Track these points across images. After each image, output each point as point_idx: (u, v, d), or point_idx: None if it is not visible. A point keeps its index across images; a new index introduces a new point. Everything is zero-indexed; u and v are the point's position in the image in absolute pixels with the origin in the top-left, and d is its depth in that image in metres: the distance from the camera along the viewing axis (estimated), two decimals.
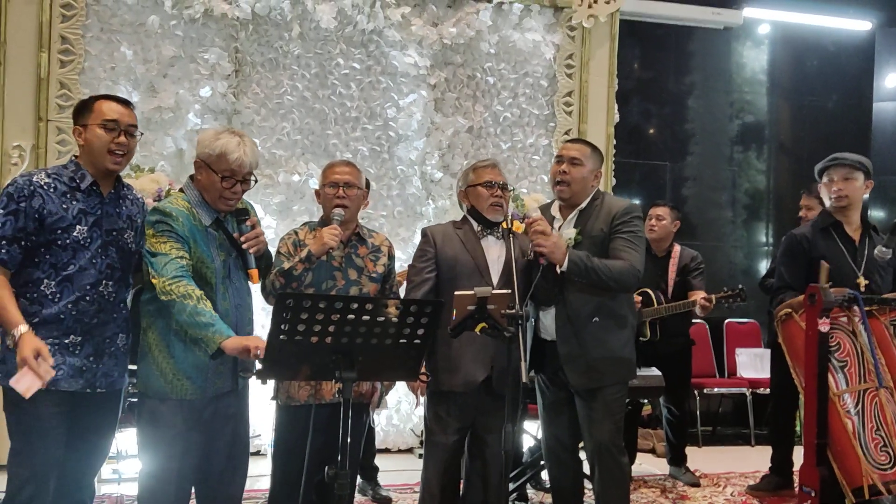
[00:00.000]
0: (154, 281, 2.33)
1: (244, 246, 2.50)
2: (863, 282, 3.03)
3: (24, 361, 2.19)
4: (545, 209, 3.13)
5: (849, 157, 3.21)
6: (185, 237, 2.39)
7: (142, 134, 2.61)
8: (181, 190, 2.55)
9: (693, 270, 4.46)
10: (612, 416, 2.88)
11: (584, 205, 2.97)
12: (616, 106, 5.35)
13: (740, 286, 4.27)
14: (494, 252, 2.97)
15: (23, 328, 2.25)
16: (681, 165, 6.34)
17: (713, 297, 4.17)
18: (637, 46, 6.17)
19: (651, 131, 6.31)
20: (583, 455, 3.16)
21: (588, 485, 3.23)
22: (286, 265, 2.68)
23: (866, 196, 6.47)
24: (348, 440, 2.15)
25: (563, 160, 2.96)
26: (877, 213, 6.65)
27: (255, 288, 2.65)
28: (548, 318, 2.97)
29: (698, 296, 4.20)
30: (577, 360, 2.87)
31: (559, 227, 3.01)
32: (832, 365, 2.63)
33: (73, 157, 2.48)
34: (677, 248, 4.57)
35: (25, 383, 2.20)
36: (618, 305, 2.91)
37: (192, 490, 2.53)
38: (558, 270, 2.85)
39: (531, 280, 2.91)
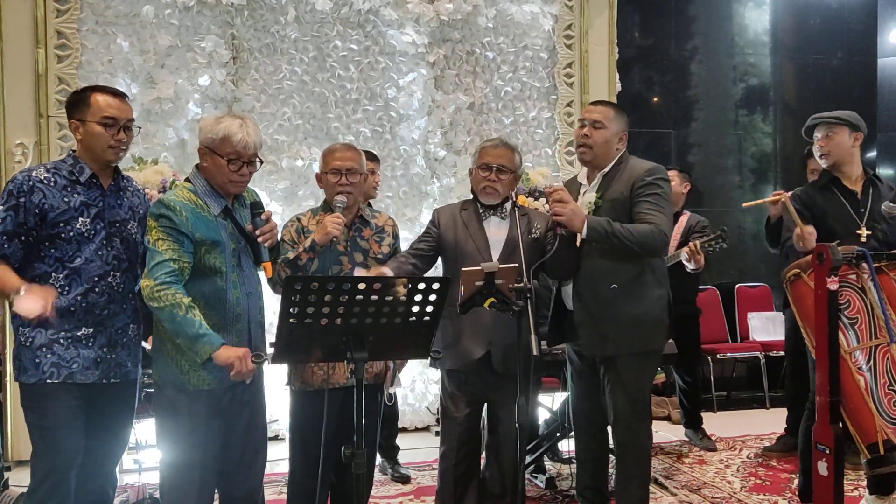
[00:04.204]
0: (143, 283, 2.33)
1: (259, 240, 2.50)
2: (864, 232, 3.02)
3: (28, 290, 2.25)
4: (572, 180, 3.10)
5: (826, 114, 3.23)
6: (188, 232, 2.37)
7: (139, 129, 2.61)
8: (187, 180, 2.54)
9: (696, 233, 4.39)
10: (624, 387, 2.84)
11: (608, 168, 2.90)
12: (617, 75, 5.31)
13: (722, 227, 4.05)
14: (496, 233, 2.96)
15: (25, 287, 2.28)
16: (685, 132, 6.30)
17: (696, 243, 4.00)
18: (636, 13, 6.10)
19: (654, 99, 6.26)
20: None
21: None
22: (291, 255, 2.68)
23: (872, 153, 6.42)
24: (363, 420, 2.16)
25: (585, 123, 2.91)
26: (884, 171, 6.59)
27: (264, 276, 2.66)
28: (569, 288, 2.95)
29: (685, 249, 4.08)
30: (589, 327, 2.85)
31: (584, 193, 2.98)
32: (842, 323, 2.62)
33: (71, 151, 2.50)
34: (686, 214, 4.55)
35: (27, 304, 2.24)
36: (640, 272, 2.83)
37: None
38: (578, 239, 2.83)
39: (537, 255, 2.91)
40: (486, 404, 3.04)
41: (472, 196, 3.07)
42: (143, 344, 2.65)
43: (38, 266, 2.38)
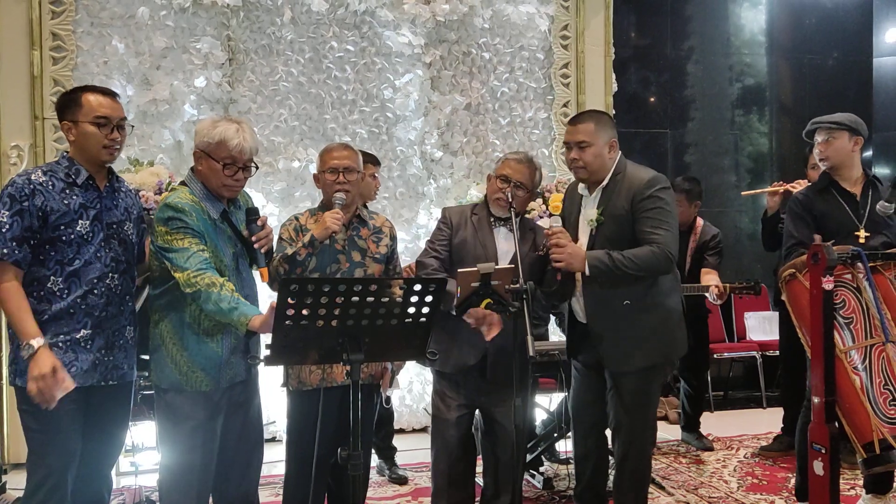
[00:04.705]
0: (178, 275, 2.33)
1: (255, 245, 2.50)
2: (863, 234, 3.04)
3: (42, 379, 2.23)
4: (573, 188, 3.07)
5: (827, 118, 3.25)
6: (200, 231, 2.39)
7: (132, 127, 2.60)
8: (183, 183, 2.53)
9: (710, 248, 4.46)
10: (632, 397, 2.82)
11: (606, 181, 2.85)
12: (614, 75, 5.31)
13: (756, 280, 4.30)
14: (504, 244, 2.95)
15: (38, 341, 2.26)
16: (682, 132, 6.30)
17: (727, 286, 4.18)
18: (632, 13, 6.10)
19: (651, 99, 6.26)
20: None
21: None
22: (289, 251, 2.69)
23: (868, 153, 6.45)
24: (360, 422, 2.16)
25: (570, 146, 2.86)
26: (881, 170, 6.61)
27: (258, 277, 2.65)
28: (578, 303, 2.92)
29: (712, 280, 4.22)
30: (610, 342, 2.81)
31: (585, 207, 2.95)
32: (838, 322, 2.62)
33: (65, 153, 2.48)
34: (700, 222, 4.56)
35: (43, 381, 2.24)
36: (653, 283, 2.79)
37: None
38: (580, 276, 2.81)
39: (540, 271, 2.90)
40: (479, 407, 3.04)
41: (483, 202, 3.08)
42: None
43: (38, 270, 2.36)
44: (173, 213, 2.37)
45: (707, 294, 4.19)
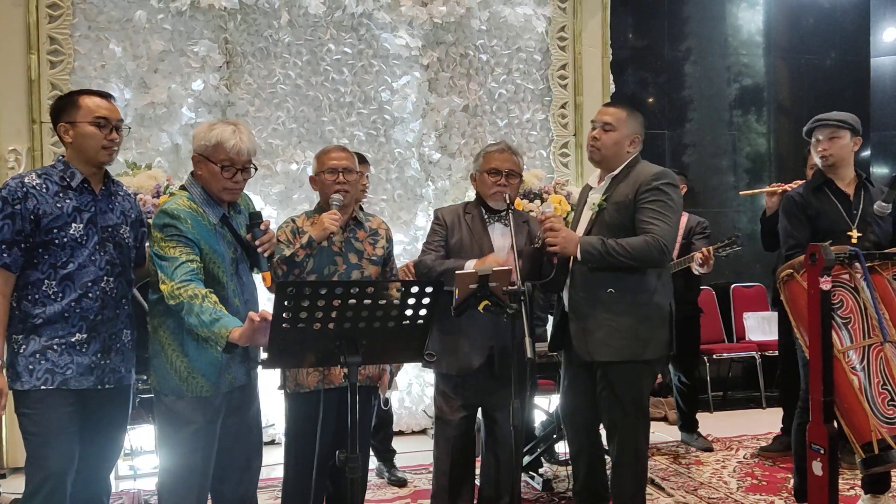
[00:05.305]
0: (163, 287, 2.31)
1: (259, 249, 2.50)
2: (855, 234, 3.07)
3: None
4: (585, 186, 3.08)
5: (832, 116, 3.27)
6: (195, 239, 2.37)
7: (129, 129, 2.61)
8: (183, 188, 2.52)
9: (697, 234, 4.46)
10: (619, 395, 2.79)
11: (617, 171, 2.87)
12: (611, 76, 5.32)
13: (735, 234, 4.24)
14: (500, 239, 2.97)
15: None
16: (680, 133, 6.31)
17: (710, 248, 4.11)
18: (629, 14, 6.11)
19: (649, 100, 6.26)
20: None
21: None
22: (287, 252, 2.69)
23: (867, 152, 6.46)
24: (357, 424, 2.16)
25: (595, 125, 2.90)
26: (879, 170, 6.61)
27: (258, 280, 2.65)
28: (566, 292, 2.92)
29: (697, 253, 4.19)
30: (585, 332, 2.80)
31: (591, 194, 2.96)
32: (836, 322, 2.62)
33: (61, 157, 2.49)
34: (685, 216, 4.55)
35: None
36: (641, 279, 2.76)
37: None
38: (572, 260, 2.81)
39: (538, 264, 2.90)
40: (481, 407, 3.04)
41: (474, 200, 3.08)
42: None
43: (32, 273, 2.37)
44: (169, 219, 2.36)
45: (694, 264, 4.14)
